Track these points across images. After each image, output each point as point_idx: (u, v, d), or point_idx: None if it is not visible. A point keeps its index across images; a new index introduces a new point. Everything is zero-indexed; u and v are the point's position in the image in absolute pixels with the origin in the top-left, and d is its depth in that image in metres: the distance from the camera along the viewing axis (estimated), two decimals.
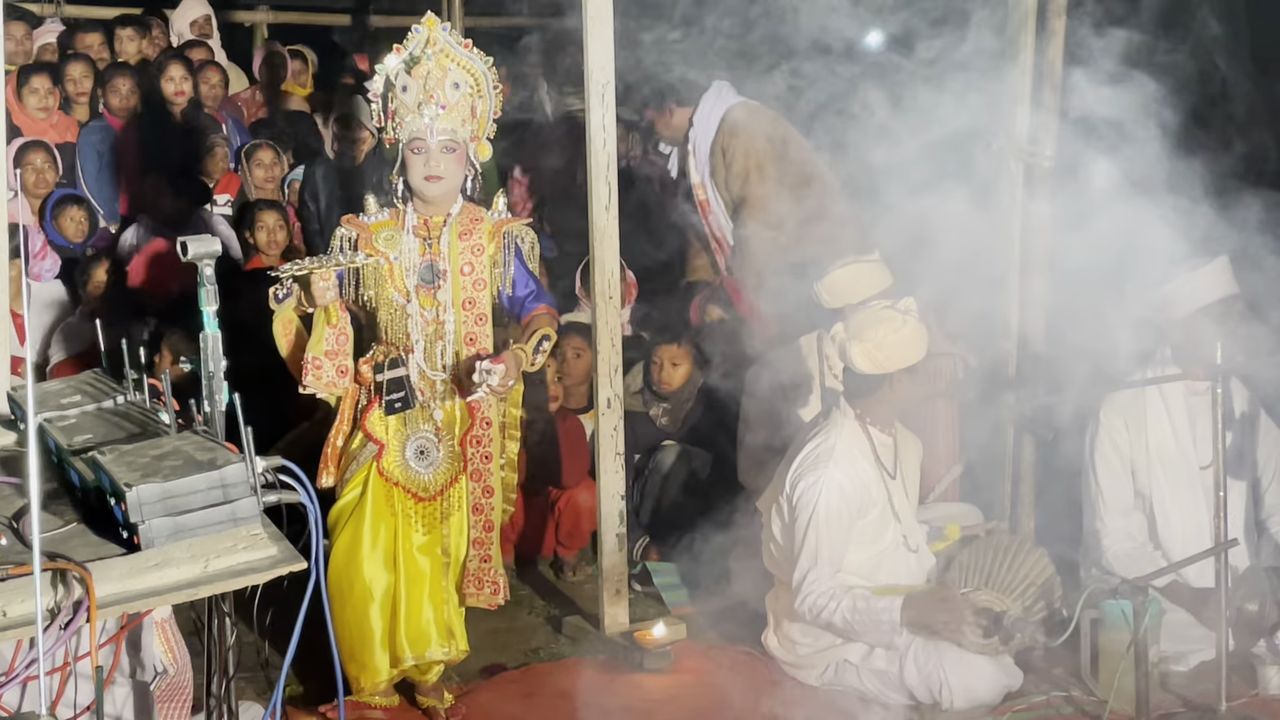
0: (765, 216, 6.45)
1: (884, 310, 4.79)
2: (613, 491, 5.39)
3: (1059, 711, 4.80)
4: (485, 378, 4.42)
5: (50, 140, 7.47)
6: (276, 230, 7.17)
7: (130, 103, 7.85)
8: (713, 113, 6.63)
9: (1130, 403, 5.22)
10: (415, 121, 4.56)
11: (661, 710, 4.93)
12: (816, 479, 4.79)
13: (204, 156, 7.81)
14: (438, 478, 4.68)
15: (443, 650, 4.70)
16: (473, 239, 4.68)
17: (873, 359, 4.78)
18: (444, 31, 4.63)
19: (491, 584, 4.83)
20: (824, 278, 5.55)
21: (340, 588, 4.66)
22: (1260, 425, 5.32)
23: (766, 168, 6.53)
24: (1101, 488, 5.25)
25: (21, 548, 2.77)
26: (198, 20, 9.23)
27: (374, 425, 4.64)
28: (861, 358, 4.79)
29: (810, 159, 6.58)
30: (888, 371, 4.80)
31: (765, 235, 6.43)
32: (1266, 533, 5.27)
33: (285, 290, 4.56)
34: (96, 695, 2.73)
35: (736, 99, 6.65)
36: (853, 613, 4.71)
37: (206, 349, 3.11)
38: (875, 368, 4.80)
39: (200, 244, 3.16)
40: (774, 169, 6.53)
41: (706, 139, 6.64)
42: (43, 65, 8.02)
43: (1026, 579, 4.84)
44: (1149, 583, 4.41)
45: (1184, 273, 5.09)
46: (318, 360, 4.58)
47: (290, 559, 2.75)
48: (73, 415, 3.30)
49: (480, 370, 4.43)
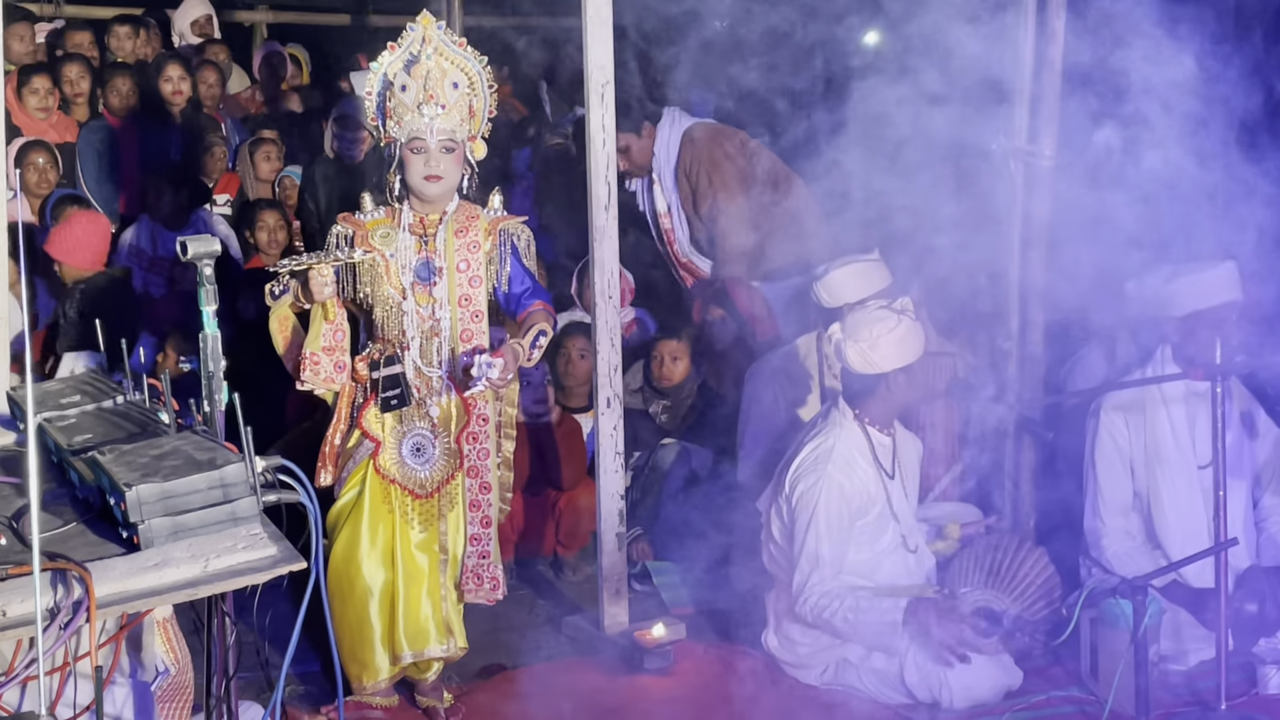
0: (739, 231, 6.51)
1: (879, 310, 4.79)
2: (613, 491, 5.39)
3: (1059, 711, 4.80)
4: (486, 370, 4.42)
5: (50, 140, 7.47)
6: (277, 230, 7.19)
7: (130, 103, 7.85)
8: (671, 139, 6.66)
9: (1129, 402, 5.22)
10: (415, 121, 4.56)
11: (661, 710, 4.93)
12: (816, 480, 4.79)
13: (202, 156, 7.82)
14: (434, 475, 4.68)
15: (441, 647, 4.71)
16: (469, 236, 4.68)
17: (867, 359, 4.78)
18: (439, 30, 4.64)
19: (491, 580, 4.84)
20: (823, 277, 5.55)
21: (340, 587, 4.66)
22: (1260, 425, 5.32)
23: (731, 183, 6.57)
24: (1101, 487, 5.25)
25: (21, 548, 2.77)
26: (199, 20, 9.24)
27: (370, 423, 4.64)
28: (857, 358, 4.79)
29: (778, 167, 6.63)
30: (883, 371, 4.80)
31: (741, 248, 6.50)
32: (1266, 533, 5.27)
33: (282, 286, 4.57)
34: (96, 695, 2.73)
35: (690, 120, 6.70)
36: (855, 613, 4.71)
37: (206, 349, 3.11)
38: (870, 368, 4.80)
39: (200, 244, 3.16)
40: (739, 182, 6.59)
41: (670, 165, 6.69)
42: (42, 65, 8.02)
43: (1026, 579, 4.84)
44: (1149, 582, 4.41)
45: (1187, 273, 5.09)
46: (315, 356, 4.58)
47: (290, 559, 2.75)
48: (72, 415, 3.30)
49: (480, 364, 4.43)
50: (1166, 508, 5.19)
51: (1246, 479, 5.27)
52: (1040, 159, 5.40)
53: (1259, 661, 4.87)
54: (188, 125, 7.98)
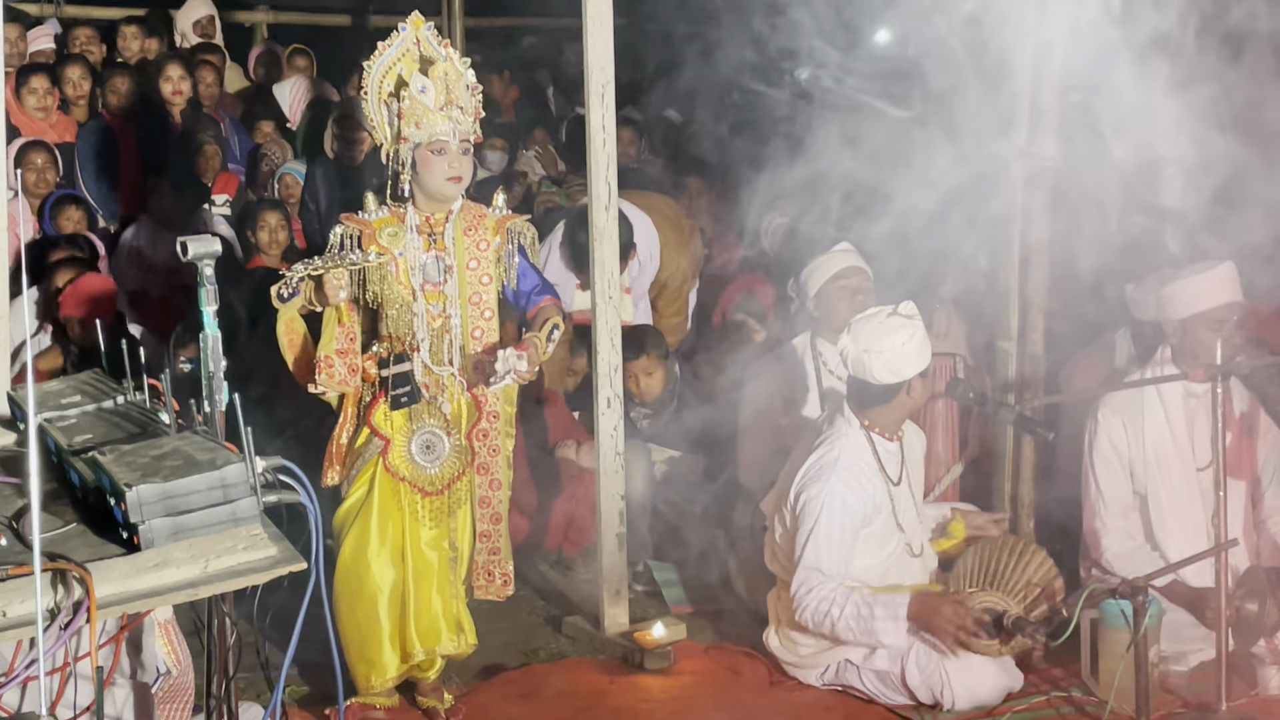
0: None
1: (891, 319, 4.79)
2: (613, 491, 5.39)
3: (1059, 711, 4.80)
4: (514, 364, 4.42)
5: (49, 140, 7.47)
6: (278, 230, 7.17)
7: (129, 103, 7.85)
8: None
9: (1128, 403, 5.22)
10: (438, 123, 4.54)
11: (661, 710, 4.93)
12: (820, 491, 4.80)
13: (199, 156, 7.81)
14: (444, 472, 4.68)
15: (452, 644, 4.72)
16: (477, 234, 4.69)
17: (892, 368, 4.80)
18: (428, 31, 4.64)
19: (502, 576, 4.86)
20: (800, 272, 5.69)
21: (350, 586, 4.66)
22: (1260, 425, 5.32)
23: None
24: (1100, 488, 5.24)
25: (21, 548, 2.77)
26: (201, 20, 9.24)
27: (379, 421, 4.64)
28: (882, 369, 4.80)
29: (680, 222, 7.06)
30: (907, 378, 4.83)
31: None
32: (1266, 533, 5.27)
33: (291, 289, 4.54)
34: (96, 695, 2.73)
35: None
36: (857, 618, 4.70)
37: (206, 349, 3.11)
38: (895, 376, 4.81)
39: (200, 244, 3.16)
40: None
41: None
42: (41, 66, 8.02)
43: (1028, 579, 4.83)
44: (1149, 583, 4.41)
45: (1187, 275, 5.09)
46: (330, 359, 4.58)
47: (290, 559, 2.75)
48: (73, 415, 3.30)
49: (504, 358, 4.43)
50: (1165, 509, 5.19)
51: (1246, 479, 5.27)
52: (1040, 159, 5.39)
53: (1259, 662, 4.87)
54: (187, 125, 7.98)
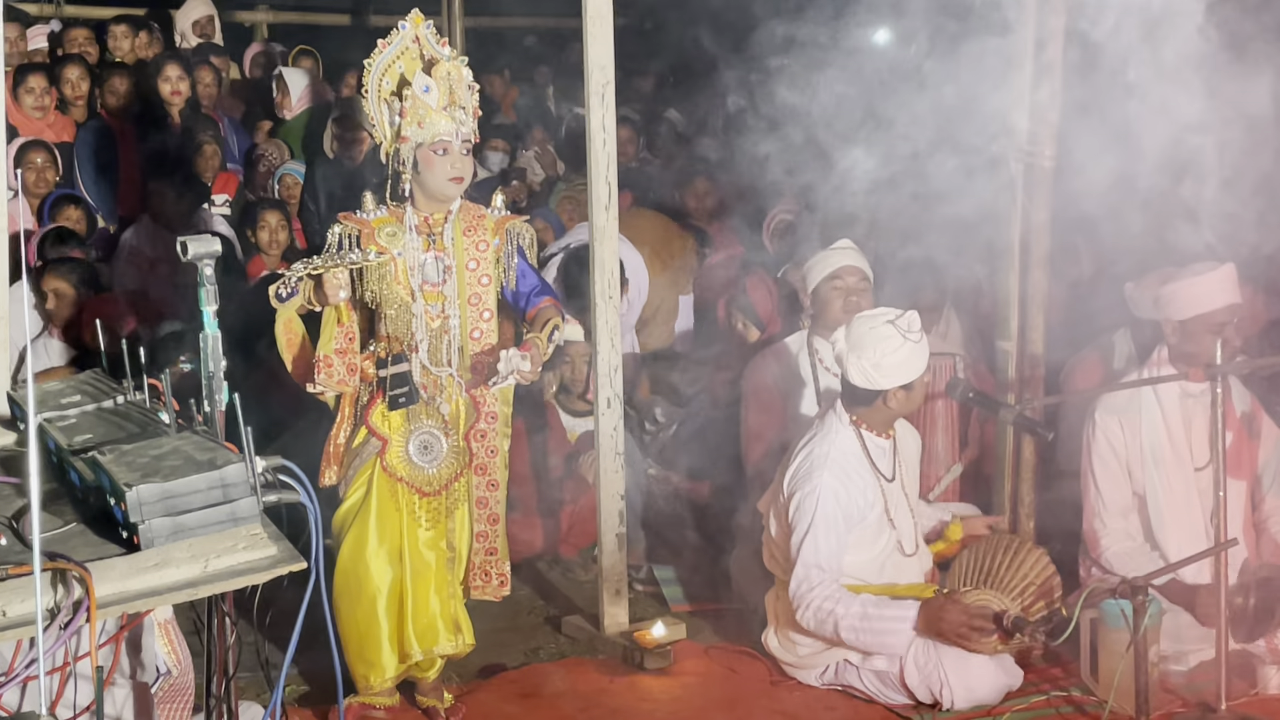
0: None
1: (885, 326, 4.78)
2: (613, 491, 5.39)
3: (1059, 711, 4.80)
4: (518, 364, 4.42)
5: (47, 140, 7.46)
6: (278, 230, 7.17)
7: (128, 103, 7.85)
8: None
9: (1125, 403, 5.22)
10: (441, 123, 4.54)
11: (661, 710, 4.93)
12: (812, 488, 4.80)
13: (198, 156, 7.81)
14: (442, 472, 4.68)
15: (450, 644, 4.72)
16: (477, 235, 4.69)
17: (868, 376, 4.79)
18: (427, 29, 4.64)
19: (499, 576, 4.85)
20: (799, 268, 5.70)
21: (349, 587, 4.66)
22: (1260, 425, 5.32)
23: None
24: (1099, 488, 5.24)
25: (21, 548, 2.77)
26: (200, 20, 9.24)
27: (377, 421, 4.64)
28: (858, 374, 4.80)
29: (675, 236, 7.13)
30: (881, 389, 4.81)
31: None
32: (1266, 533, 5.27)
33: (290, 289, 4.54)
34: (96, 695, 2.73)
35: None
36: (863, 620, 4.70)
37: (206, 349, 3.11)
38: (869, 384, 4.81)
39: (200, 244, 3.16)
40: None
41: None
42: (39, 65, 8.01)
43: (1026, 579, 4.83)
44: (1148, 582, 4.41)
45: (1188, 276, 5.09)
46: (329, 359, 4.59)
47: (290, 559, 2.75)
48: (73, 415, 3.30)
49: (507, 359, 4.43)
50: (1163, 509, 5.18)
51: (1245, 480, 5.26)
52: (1040, 159, 5.39)
53: (1259, 661, 4.87)
54: (186, 125, 7.98)
